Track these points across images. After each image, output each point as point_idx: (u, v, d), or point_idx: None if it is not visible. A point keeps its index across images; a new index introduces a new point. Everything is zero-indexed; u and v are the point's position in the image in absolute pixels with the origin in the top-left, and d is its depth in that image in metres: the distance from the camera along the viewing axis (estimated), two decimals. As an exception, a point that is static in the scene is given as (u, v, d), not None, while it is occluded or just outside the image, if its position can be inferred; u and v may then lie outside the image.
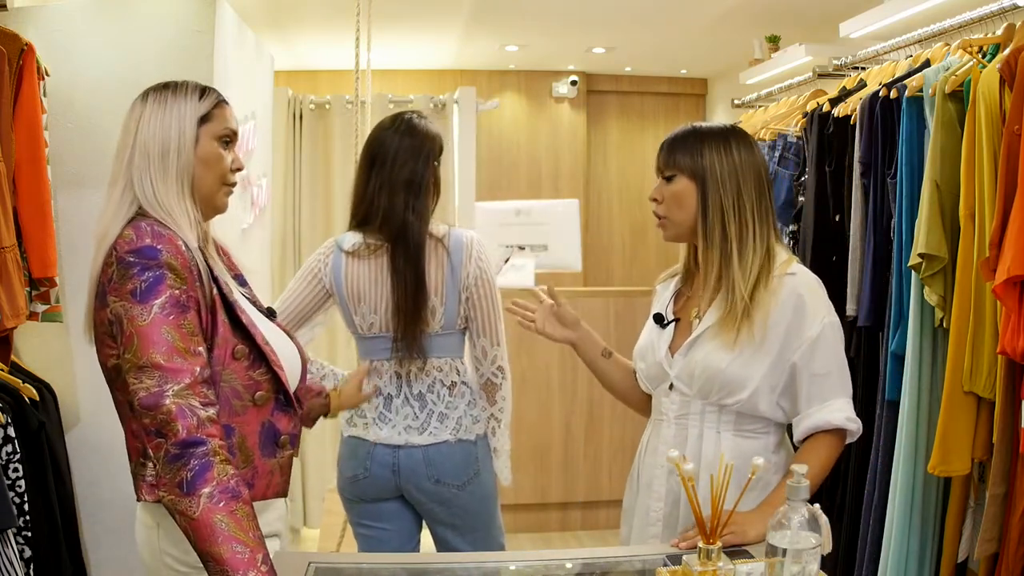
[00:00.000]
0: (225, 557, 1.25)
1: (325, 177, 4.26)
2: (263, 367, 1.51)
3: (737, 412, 1.70)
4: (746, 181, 1.70)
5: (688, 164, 1.71)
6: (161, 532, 1.48)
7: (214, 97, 1.54)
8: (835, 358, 1.68)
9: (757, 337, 1.64)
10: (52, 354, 2.56)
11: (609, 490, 4.25)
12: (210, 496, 1.27)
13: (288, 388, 1.55)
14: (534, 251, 3.85)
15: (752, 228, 1.69)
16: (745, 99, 4.17)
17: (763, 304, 1.65)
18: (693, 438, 1.74)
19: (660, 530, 1.77)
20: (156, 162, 1.47)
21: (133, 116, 1.51)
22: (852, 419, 1.68)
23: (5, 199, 2.16)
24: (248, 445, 1.49)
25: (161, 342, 1.34)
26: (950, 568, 2.30)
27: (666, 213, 1.75)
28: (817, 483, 1.63)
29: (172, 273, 1.39)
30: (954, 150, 2.21)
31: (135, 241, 1.39)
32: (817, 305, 1.67)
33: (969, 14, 2.40)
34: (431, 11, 4.00)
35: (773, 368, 1.67)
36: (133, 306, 1.36)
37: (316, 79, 5.08)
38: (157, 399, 1.31)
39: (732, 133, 1.75)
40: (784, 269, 1.69)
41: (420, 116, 2.18)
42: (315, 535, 4.10)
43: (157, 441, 1.31)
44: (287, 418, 1.56)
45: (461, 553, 2.11)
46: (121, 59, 2.50)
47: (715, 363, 1.68)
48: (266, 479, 1.53)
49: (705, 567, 1.36)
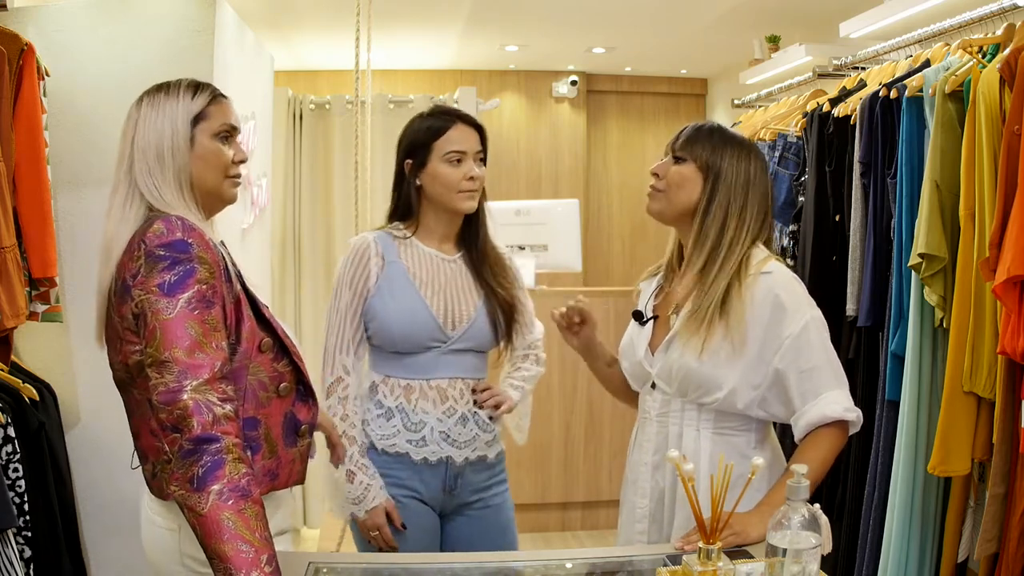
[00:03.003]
0: (229, 555, 1.25)
1: (325, 177, 4.26)
2: (286, 359, 1.55)
3: (716, 410, 1.69)
4: (755, 195, 1.72)
5: (705, 157, 1.72)
6: (183, 535, 1.47)
7: (208, 94, 1.54)
8: (822, 351, 1.65)
9: (733, 336, 1.64)
10: (52, 354, 2.56)
11: (609, 490, 4.25)
12: (219, 493, 1.28)
13: (308, 379, 1.58)
14: (534, 251, 3.86)
15: (743, 239, 1.70)
16: (745, 99, 4.17)
17: (737, 303, 1.65)
18: (674, 436, 1.74)
19: (647, 526, 1.78)
20: (154, 165, 1.48)
21: (129, 122, 1.52)
22: (850, 409, 1.64)
23: (5, 199, 2.16)
24: (273, 436, 1.53)
25: (184, 336, 1.35)
26: (950, 568, 2.30)
27: (664, 188, 1.75)
28: (818, 478, 1.62)
29: (202, 267, 1.39)
30: (954, 150, 2.21)
31: (166, 235, 1.39)
32: (796, 302, 1.66)
33: (969, 14, 2.40)
34: (431, 11, 4.00)
35: (751, 367, 1.65)
36: (159, 299, 1.36)
37: (316, 79, 5.08)
38: (175, 395, 1.32)
39: (753, 149, 1.76)
40: (760, 268, 1.68)
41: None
42: (315, 535, 4.10)
43: (173, 436, 1.32)
44: (306, 408, 1.59)
45: (461, 553, 2.11)
46: (121, 59, 2.50)
47: (689, 362, 1.68)
48: (288, 468, 1.57)
49: (705, 567, 1.36)
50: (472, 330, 2.00)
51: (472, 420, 2.02)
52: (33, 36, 2.36)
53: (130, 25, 2.53)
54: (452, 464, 2.01)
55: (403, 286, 1.98)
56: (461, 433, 2.01)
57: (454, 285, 2.02)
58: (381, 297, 1.97)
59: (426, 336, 1.97)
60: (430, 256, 2.02)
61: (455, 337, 1.99)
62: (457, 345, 2.00)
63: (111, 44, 2.52)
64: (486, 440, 2.05)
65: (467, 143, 1.99)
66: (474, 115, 2.07)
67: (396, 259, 1.99)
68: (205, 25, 2.52)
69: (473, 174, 1.98)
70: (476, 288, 2.04)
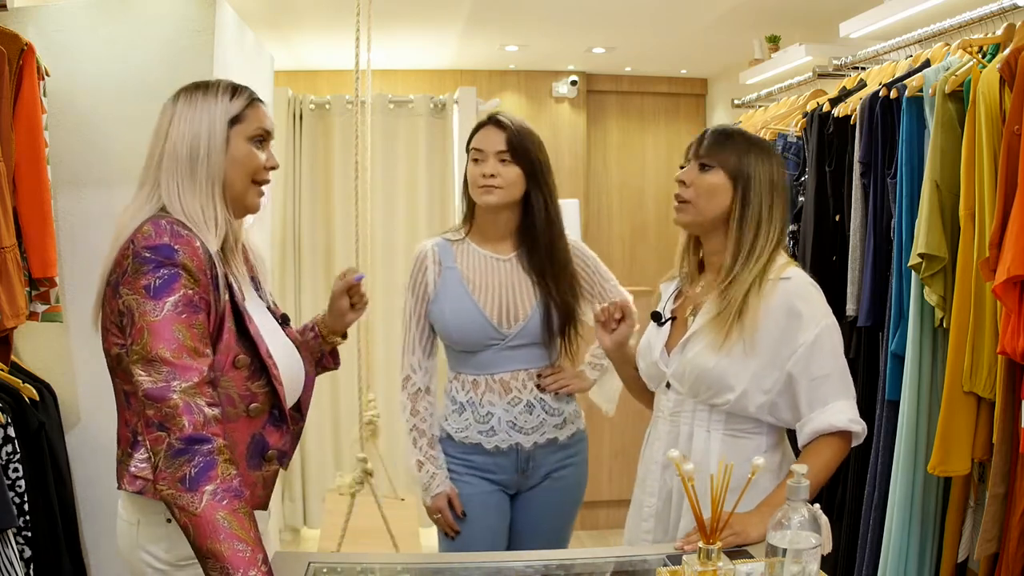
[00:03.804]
0: (226, 555, 1.25)
1: (325, 177, 4.27)
2: (262, 379, 1.50)
3: (728, 412, 1.70)
4: (779, 198, 1.73)
5: (733, 164, 1.71)
6: (141, 529, 1.47)
7: (246, 96, 1.52)
8: (833, 360, 1.67)
9: (746, 339, 1.64)
10: (52, 354, 2.56)
11: (609, 490, 4.24)
12: (213, 493, 1.27)
13: (284, 404, 1.53)
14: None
15: (770, 242, 1.70)
16: (745, 99, 4.17)
17: (754, 307, 1.65)
18: (684, 436, 1.74)
19: (652, 525, 1.78)
20: (184, 165, 1.46)
21: (164, 118, 1.50)
22: (855, 420, 1.66)
23: (5, 199, 2.16)
24: (235, 454, 1.47)
25: (171, 339, 1.34)
26: (950, 568, 2.30)
27: (692, 199, 1.74)
28: (819, 485, 1.63)
29: (186, 274, 1.38)
30: (954, 150, 2.21)
31: (153, 238, 1.38)
32: (812, 310, 1.66)
33: (969, 14, 2.40)
34: (431, 11, 4.00)
35: (763, 371, 1.66)
36: (145, 301, 1.35)
37: (316, 79, 5.07)
38: (164, 392, 1.31)
39: (775, 153, 1.78)
40: (779, 273, 1.69)
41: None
42: (315, 535, 4.10)
43: (158, 434, 1.31)
44: (279, 433, 1.54)
45: (461, 553, 2.11)
46: (121, 59, 2.50)
47: (703, 363, 1.68)
48: (248, 490, 1.50)
49: (705, 567, 1.36)
50: (529, 327, 2.12)
51: (539, 407, 2.15)
52: (33, 36, 2.36)
53: (130, 25, 2.53)
54: (522, 449, 2.14)
55: (457, 290, 2.11)
56: (528, 420, 2.14)
57: (509, 284, 2.13)
58: (439, 302, 2.13)
59: (483, 336, 2.10)
60: (484, 258, 2.15)
61: (512, 335, 2.11)
62: (515, 341, 2.12)
63: (111, 44, 2.52)
64: (554, 424, 2.18)
65: (486, 142, 2.09)
66: (474, 115, 2.09)
67: (452, 264, 2.14)
68: (205, 25, 2.53)
69: (486, 171, 2.06)
70: (533, 287, 2.13)
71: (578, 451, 2.25)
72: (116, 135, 2.52)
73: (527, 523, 2.21)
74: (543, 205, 2.11)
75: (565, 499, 2.24)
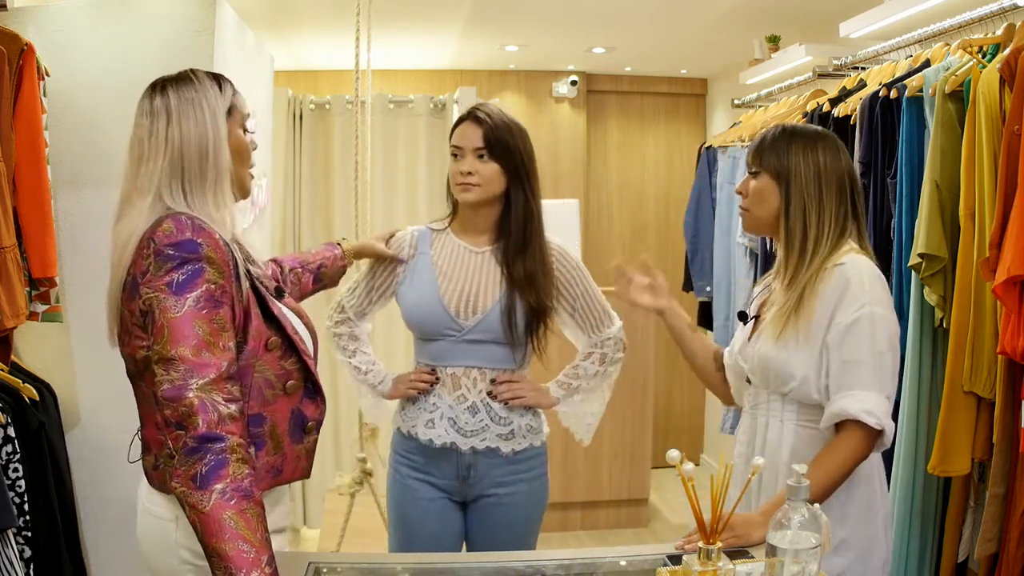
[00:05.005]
0: (231, 555, 1.25)
1: (325, 177, 4.26)
2: (293, 356, 1.55)
3: (798, 402, 1.72)
4: (829, 186, 1.72)
5: (773, 164, 1.75)
6: (180, 525, 1.48)
7: (230, 85, 1.55)
8: (869, 349, 1.64)
9: (801, 328, 1.67)
10: (52, 354, 2.56)
11: (609, 490, 4.24)
12: (222, 492, 1.28)
13: (316, 376, 1.58)
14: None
15: (828, 233, 1.71)
16: (745, 99, 4.17)
17: (809, 298, 1.68)
18: (761, 427, 1.78)
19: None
20: (195, 168, 1.46)
21: (158, 118, 1.47)
22: (871, 412, 1.60)
23: (5, 199, 2.16)
24: (279, 432, 1.54)
25: (191, 335, 1.35)
26: (950, 568, 2.30)
27: (748, 206, 1.81)
28: (833, 483, 1.62)
29: (211, 267, 1.39)
30: (954, 150, 2.21)
31: (175, 234, 1.39)
32: (858, 292, 1.65)
33: (969, 14, 2.40)
34: (431, 11, 4.00)
35: (821, 355, 1.67)
36: (167, 297, 1.36)
37: (316, 79, 5.07)
38: (180, 392, 1.32)
39: (820, 137, 1.77)
40: (835, 260, 1.70)
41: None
42: (315, 535, 4.10)
43: (176, 433, 1.32)
44: (314, 405, 1.60)
45: (461, 553, 2.11)
46: (121, 59, 2.50)
47: (766, 352, 1.73)
48: (293, 463, 1.58)
49: (705, 567, 1.36)
50: (487, 321, 2.04)
51: (484, 411, 2.06)
52: (33, 36, 2.36)
53: (130, 25, 2.53)
54: (459, 451, 2.06)
55: (424, 276, 2.09)
56: (468, 422, 2.06)
57: (476, 276, 2.08)
58: (404, 284, 2.12)
59: (439, 324, 2.05)
60: (459, 248, 2.11)
61: (469, 327, 2.05)
62: (472, 335, 2.05)
63: (111, 44, 2.51)
64: (498, 433, 2.07)
65: (464, 139, 2.05)
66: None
67: (427, 250, 2.13)
68: (205, 25, 2.52)
69: (463, 168, 2.03)
70: (501, 281, 2.06)
71: (530, 468, 2.12)
72: (116, 135, 2.49)
73: (481, 533, 2.15)
74: (522, 200, 2.06)
75: (517, 516, 2.13)
